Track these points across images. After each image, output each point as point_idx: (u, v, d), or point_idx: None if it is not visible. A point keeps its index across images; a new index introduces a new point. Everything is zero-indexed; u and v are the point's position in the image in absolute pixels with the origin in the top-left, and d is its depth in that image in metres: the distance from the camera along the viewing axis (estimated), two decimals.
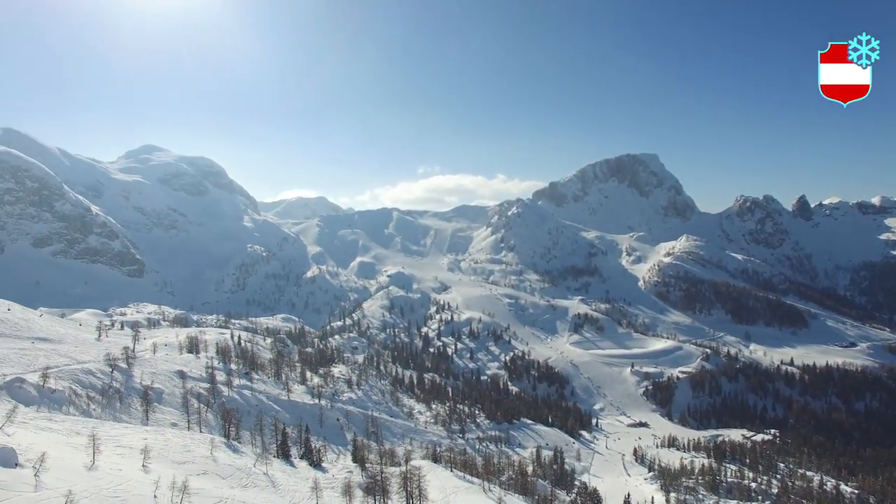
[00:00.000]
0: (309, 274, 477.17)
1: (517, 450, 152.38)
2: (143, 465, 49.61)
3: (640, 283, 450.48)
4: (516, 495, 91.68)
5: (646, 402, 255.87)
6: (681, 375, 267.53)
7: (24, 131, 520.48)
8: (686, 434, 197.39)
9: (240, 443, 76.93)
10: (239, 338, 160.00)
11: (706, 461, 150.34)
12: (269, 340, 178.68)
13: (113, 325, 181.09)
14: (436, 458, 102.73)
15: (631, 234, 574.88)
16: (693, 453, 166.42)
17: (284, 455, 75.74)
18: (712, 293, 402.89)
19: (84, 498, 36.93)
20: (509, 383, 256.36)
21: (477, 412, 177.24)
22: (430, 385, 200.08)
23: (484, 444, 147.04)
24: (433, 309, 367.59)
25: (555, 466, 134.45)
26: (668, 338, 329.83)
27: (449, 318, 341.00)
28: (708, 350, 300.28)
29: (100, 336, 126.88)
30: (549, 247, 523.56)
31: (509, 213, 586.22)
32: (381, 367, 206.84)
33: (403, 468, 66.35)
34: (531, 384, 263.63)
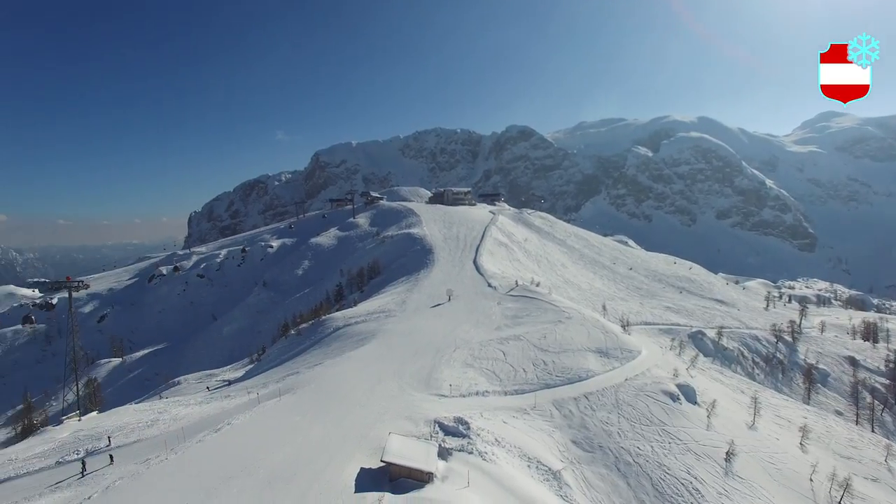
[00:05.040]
0: None
1: None
2: (800, 444, 49.49)
3: None
4: None
5: None
6: None
7: (713, 117, 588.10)
8: None
9: None
10: None
11: None
12: None
13: (781, 296, 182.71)
14: None
15: None
16: None
17: None
18: None
19: (743, 451, 40.69)
20: None
21: None
22: None
23: None
24: None
25: None
26: None
27: None
28: None
29: (767, 306, 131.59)
30: None
31: None
32: None
33: None
34: None
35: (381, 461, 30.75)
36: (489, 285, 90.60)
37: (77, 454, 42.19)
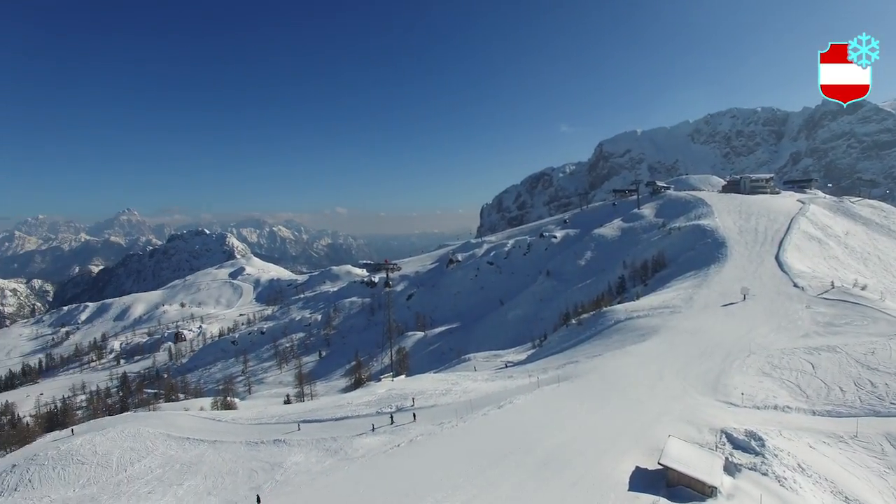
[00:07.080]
0: None
1: None
2: None
3: None
4: None
5: None
6: None
7: None
8: None
9: None
10: None
11: None
12: None
13: None
14: None
15: None
16: None
17: None
18: None
19: None
20: None
21: None
22: None
23: None
24: None
25: None
26: None
27: None
28: None
29: None
30: None
31: None
32: None
33: None
34: None
35: (659, 464, 29.23)
36: (795, 285, 77.58)
37: (390, 408, 50.52)
